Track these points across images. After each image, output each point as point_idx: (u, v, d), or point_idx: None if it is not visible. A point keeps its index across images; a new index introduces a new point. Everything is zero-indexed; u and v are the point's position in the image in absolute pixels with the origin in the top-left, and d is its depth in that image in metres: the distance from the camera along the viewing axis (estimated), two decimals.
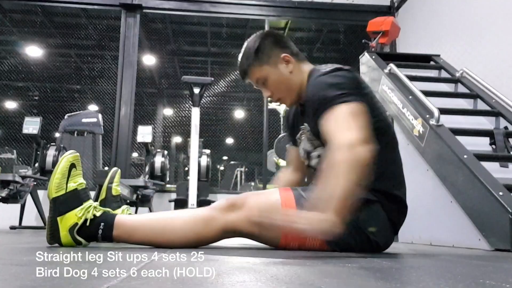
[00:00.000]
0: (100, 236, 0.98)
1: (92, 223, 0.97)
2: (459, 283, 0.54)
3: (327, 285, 0.49)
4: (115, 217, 1.00)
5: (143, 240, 1.02)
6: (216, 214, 1.02)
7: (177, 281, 0.49)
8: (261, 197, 1.05)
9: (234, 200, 1.04)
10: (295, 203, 1.03)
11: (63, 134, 4.04)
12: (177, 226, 1.02)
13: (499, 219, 1.41)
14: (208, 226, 1.01)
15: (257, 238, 1.06)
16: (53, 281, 0.48)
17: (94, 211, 0.98)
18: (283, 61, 1.16)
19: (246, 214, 1.00)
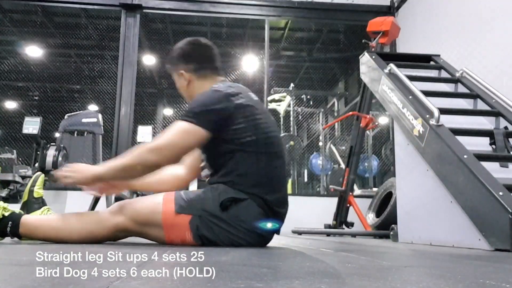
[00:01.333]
0: (9, 233, 1.16)
1: (1, 222, 1.15)
2: (459, 283, 0.54)
3: (327, 284, 0.49)
4: (21, 217, 1.18)
5: (44, 236, 1.20)
6: (108, 215, 1.19)
7: (177, 281, 0.49)
8: (145, 200, 1.23)
9: (123, 204, 1.21)
10: (174, 204, 1.18)
11: (63, 134, 4.04)
12: (72, 225, 1.20)
13: (499, 219, 1.41)
14: (100, 225, 1.18)
15: (145, 236, 1.23)
16: (53, 281, 0.48)
17: (3, 212, 1.16)
18: (181, 75, 1.38)
19: (130, 216, 1.18)
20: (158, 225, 1.17)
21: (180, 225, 1.16)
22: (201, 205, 1.17)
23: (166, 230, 1.17)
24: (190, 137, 1.18)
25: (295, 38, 6.40)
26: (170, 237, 1.18)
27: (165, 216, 1.17)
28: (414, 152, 1.96)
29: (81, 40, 6.47)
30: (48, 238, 1.19)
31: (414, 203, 2.04)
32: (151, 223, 1.18)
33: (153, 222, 1.17)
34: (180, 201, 1.18)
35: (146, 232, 1.20)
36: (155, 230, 1.18)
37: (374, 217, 3.36)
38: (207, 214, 1.16)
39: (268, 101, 4.54)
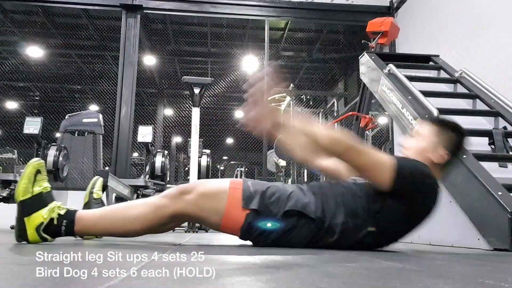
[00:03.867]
0: (64, 232, 1.09)
1: (57, 221, 1.08)
2: (458, 283, 0.54)
3: (327, 285, 0.49)
4: (75, 214, 1.11)
5: (103, 231, 1.15)
6: (167, 201, 1.13)
7: (177, 281, 0.49)
8: (211, 184, 1.18)
9: (184, 187, 1.16)
10: (241, 193, 1.15)
11: (64, 134, 4.05)
12: (132, 216, 1.13)
13: (498, 219, 1.41)
14: (160, 213, 1.12)
15: (203, 221, 1.18)
16: (53, 280, 0.48)
17: (58, 210, 1.09)
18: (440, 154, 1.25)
19: (194, 198, 1.13)
20: (219, 213, 1.14)
21: (238, 217, 1.14)
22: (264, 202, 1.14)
23: (225, 219, 1.14)
24: (379, 168, 1.11)
25: (295, 39, 6.40)
26: (225, 225, 1.15)
27: (229, 206, 1.13)
28: None
29: (82, 40, 6.48)
30: (107, 232, 1.15)
31: None
32: (213, 210, 1.14)
33: (215, 210, 1.14)
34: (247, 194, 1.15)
35: (205, 217, 1.16)
36: (214, 216, 1.15)
37: None
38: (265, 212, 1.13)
39: None
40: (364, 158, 1.09)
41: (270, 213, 1.14)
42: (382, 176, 1.10)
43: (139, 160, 6.79)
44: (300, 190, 1.21)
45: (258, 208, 1.13)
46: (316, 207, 1.16)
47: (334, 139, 1.08)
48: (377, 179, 1.12)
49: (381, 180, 1.10)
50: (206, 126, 7.07)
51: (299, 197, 1.17)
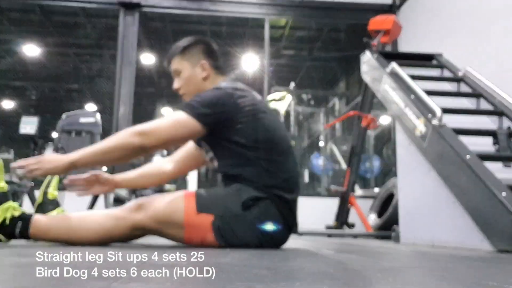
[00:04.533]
0: (18, 234, 1.09)
1: (10, 222, 1.07)
2: (461, 284, 0.55)
3: (328, 286, 0.49)
4: (31, 217, 1.11)
5: (57, 237, 1.14)
6: (126, 214, 1.14)
7: (177, 281, 0.50)
8: (165, 198, 1.18)
9: (143, 200, 1.17)
10: (195, 202, 1.15)
11: (61, 134, 4.01)
12: (90, 226, 1.14)
13: (502, 220, 1.40)
14: (118, 224, 1.13)
15: (164, 235, 1.19)
16: (53, 281, 0.49)
17: (13, 211, 1.08)
18: (200, 66, 1.34)
19: (150, 214, 1.13)
20: (179, 224, 1.14)
21: (201, 225, 1.13)
22: (223, 204, 1.15)
23: (187, 230, 1.14)
24: (182, 128, 1.17)
25: (296, 37, 6.40)
26: (190, 237, 1.15)
27: (187, 215, 1.14)
28: (416, 152, 1.95)
29: (79, 39, 6.46)
30: (62, 239, 1.13)
31: (416, 204, 2.03)
32: (171, 222, 1.14)
33: (174, 221, 1.14)
34: (201, 199, 1.16)
35: (165, 231, 1.16)
36: (175, 229, 1.15)
37: (376, 218, 3.35)
38: (229, 214, 1.14)
39: (268, 101, 4.53)
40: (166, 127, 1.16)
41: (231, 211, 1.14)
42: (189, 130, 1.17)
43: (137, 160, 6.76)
44: None
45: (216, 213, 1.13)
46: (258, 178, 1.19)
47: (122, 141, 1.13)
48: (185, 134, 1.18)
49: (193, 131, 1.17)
50: None
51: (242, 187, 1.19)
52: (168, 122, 1.19)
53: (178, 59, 1.35)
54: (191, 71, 1.34)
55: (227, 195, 1.18)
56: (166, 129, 1.16)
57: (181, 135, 1.19)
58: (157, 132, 1.15)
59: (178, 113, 1.19)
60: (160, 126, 1.17)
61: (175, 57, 1.35)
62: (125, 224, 1.13)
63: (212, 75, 1.34)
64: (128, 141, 1.13)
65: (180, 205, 1.15)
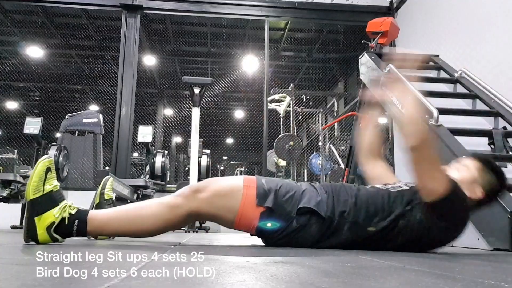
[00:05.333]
0: (75, 232, 1.06)
1: (68, 221, 1.05)
2: (458, 283, 0.55)
3: (326, 284, 0.49)
4: (87, 214, 1.08)
5: (116, 231, 1.12)
6: (181, 201, 1.12)
7: (177, 281, 0.49)
8: (224, 182, 1.18)
9: (197, 186, 1.15)
10: (255, 191, 1.14)
11: (64, 134, 4.05)
12: (146, 216, 1.11)
13: (498, 219, 1.41)
14: (174, 212, 1.11)
15: (217, 219, 1.17)
16: (53, 280, 0.48)
17: (69, 210, 1.06)
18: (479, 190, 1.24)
19: (208, 197, 1.12)
20: (234, 210, 1.13)
21: (253, 215, 1.13)
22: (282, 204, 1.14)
23: (239, 216, 1.14)
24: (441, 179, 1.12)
25: (295, 39, 6.40)
26: (239, 223, 1.15)
27: (243, 204, 1.13)
28: None
29: (82, 40, 6.48)
30: (121, 233, 1.13)
31: None
32: (227, 207, 1.13)
33: (229, 207, 1.13)
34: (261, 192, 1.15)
35: (219, 214, 1.15)
36: (228, 213, 1.14)
37: None
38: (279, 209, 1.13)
39: (268, 101, 4.55)
40: (434, 166, 1.09)
41: (284, 211, 1.14)
42: (438, 187, 1.09)
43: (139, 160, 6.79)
44: (313, 188, 1.22)
45: (273, 206, 1.13)
46: (328, 206, 1.16)
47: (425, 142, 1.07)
48: (432, 188, 1.10)
49: (434, 190, 1.09)
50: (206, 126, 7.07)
51: (312, 194, 1.18)
52: None
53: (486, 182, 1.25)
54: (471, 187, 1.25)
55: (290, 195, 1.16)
56: None
57: None
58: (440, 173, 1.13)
59: None
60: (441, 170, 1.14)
61: None
62: (180, 212, 1.12)
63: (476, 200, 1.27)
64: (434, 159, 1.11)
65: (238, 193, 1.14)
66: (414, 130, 1.08)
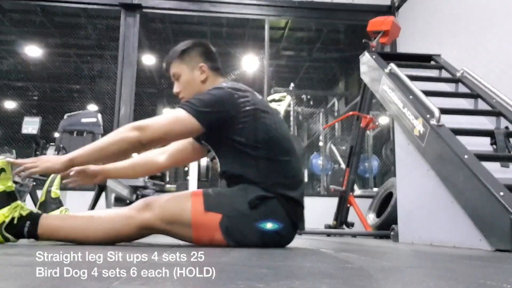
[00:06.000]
0: (26, 233, 1.08)
1: (18, 221, 1.07)
2: (460, 284, 0.55)
3: (327, 285, 0.49)
4: (40, 216, 1.10)
5: (65, 237, 1.13)
6: (134, 213, 1.14)
7: (177, 281, 0.49)
8: (173, 197, 1.19)
9: (149, 201, 1.16)
10: (203, 201, 1.15)
11: (62, 134, 4.03)
12: (98, 224, 1.13)
13: (500, 220, 1.41)
14: (126, 224, 1.13)
15: (172, 234, 1.19)
16: (53, 281, 0.48)
17: (21, 211, 1.08)
18: (199, 69, 1.33)
19: (158, 213, 1.13)
20: (186, 223, 1.14)
21: (209, 224, 1.13)
22: (230, 203, 1.15)
23: (195, 229, 1.14)
24: (180, 125, 1.18)
25: (295, 38, 6.41)
26: (198, 236, 1.15)
27: (194, 214, 1.13)
28: (415, 152, 1.96)
29: (81, 40, 6.47)
30: (71, 239, 1.13)
31: (415, 203, 2.04)
32: (179, 221, 1.14)
33: (181, 220, 1.14)
34: (209, 198, 1.16)
35: (173, 230, 1.16)
36: (183, 228, 1.14)
37: (375, 217, 3.36)
38: (236, 213, 1.14)
39: (268, 101, 4.54)
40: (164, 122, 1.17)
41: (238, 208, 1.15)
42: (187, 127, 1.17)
43: None
44: None
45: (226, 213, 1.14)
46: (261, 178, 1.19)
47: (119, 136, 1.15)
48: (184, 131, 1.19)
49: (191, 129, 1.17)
50: None
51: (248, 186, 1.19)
52: (166, 118, 1.20)
53: (177, 63, 1.34)
54: (190, 74, 1.33)
55: (234, 194, 1.18)
56: (164, 124, 1.17)
57: (179, 132, 1.20)
58: (154, 127, 1.15)
59: (177, 110, 1.19)
60: (158, 121, 1.18)
61: (173, 61, 1.35)
62: (133, 224, 1.12)
63: (211, 77, 1.34)
64: (125, 136, 1.14)
65: (187, 204, 1.14)
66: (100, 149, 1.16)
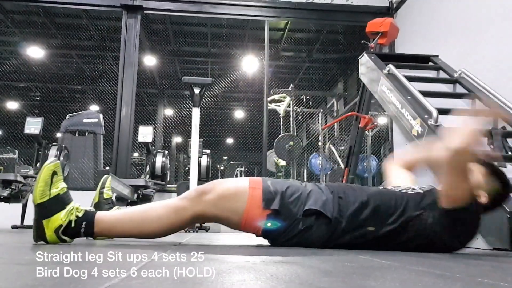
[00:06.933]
0: (83, 233, 1.08)
1: (75, 223, 1.07)
2: (457, 282, 0.55)
3: (326, 284, 0.50)
4: (95, 215, 1.10)
5: (122, 233, 1.14)
6: (187, 203, 1.14)
7: (177, 281, 0.49)
8: (230, 184, 1.18)
9: (203, 188, 1.15)
10: (261, 193, 1.14)
11: (64, 134, 4.06)
12: (152, 218, 1.13)
13: (497, 219, 1.42)
14: (180, 215, 1.13)
15: (223, 221, 1.18)
16: (53, 280, 0.49)
17: (77, 212, 1.08)
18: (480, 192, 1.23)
19: (213, 199, 1.13)
20: (239, 212, 1.14)
21: (259, 217, 1.14)
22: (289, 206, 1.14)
23: (245, 218, 1.14)
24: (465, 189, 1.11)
25: (295, 39, 6.41)
26: (245, 225, 1.16)
27: (249, 206, 1.13)
28: None
29: (82, 41, 6.50)
30: (127, 234, 1.14)
31: None
32: (232, 209, 1.14)
33: (235, 209, 1.14)
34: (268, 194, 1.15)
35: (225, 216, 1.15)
36: (234, 215, 1.15)
37: None
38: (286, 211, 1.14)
39: (267, 102, 4.55)
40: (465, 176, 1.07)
41: (291, 212, 1.14)
42: (462, 197, 1.09)
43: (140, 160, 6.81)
44: (318, 188, 1.22)
45: (279, 208, 1.14)
46: (334, 207, 1.16)
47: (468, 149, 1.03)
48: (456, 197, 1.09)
49: (458, 199, 1.09)
50: (206, 126, 7.08)
51: (317, 196, 1.18)
52: None
53: None
54: None
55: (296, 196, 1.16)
56: None
57: None
58: None
59: None
60: None
61: None
62: (186, 214, 1.13)
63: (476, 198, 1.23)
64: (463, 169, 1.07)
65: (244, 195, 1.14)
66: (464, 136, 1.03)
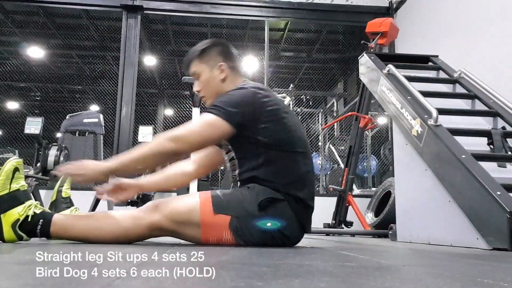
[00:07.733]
0: (39, 232, 1.10)
1: (32, 219, 1.09)
2: (457, 282, 0.55)
3: (326, 283, 0.50)
4: (53, 215, 1.12)
5: (77, 236, 1.15)
6: (143, 214, 1.16)
7: (177, 281, 0.50)
8: (182, 199, 1.21)
9: (159, 202, 1.18)
10: (211, 203, 1.16)
11: (64, 134, 4.06)
12: (108, 224, 1.15)
13: (497, 219, 1.42)
14: (136, 224, 1.15)
15: (180, 235, 1.20)
16: (53, 280, 0.49)
17: (34, 209, 1.10)
18: (218, 68, 1.34)
19: (166, 214, 1.15)
20: (195, 224, 1.15)
21: (218, 225, 1.15)
22: (240, 205, 1.17)
23: (204, 230, 1.15)
24: (213, 130, 1.18)
25: (295, 39, 6.41)
26: (206, 236, 1.17)
27: (204, 216, 1.15)
28: (413, 152, 1.97)
29: (83, 41, 6.50)
30: (81, 238, 1.15)
31: (413, 203, 2.05)
32: (188, 222, 1.16)
33: (190, 221, 1.15)
34: (218, 200, 1.17)
35: (182, 231, 1.18)
36: (192, 229, 1.16)
37: (373, 216, 3.37)
38: (246, 214, 1.16)
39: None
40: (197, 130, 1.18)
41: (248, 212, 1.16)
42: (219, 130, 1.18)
43: None
44: None
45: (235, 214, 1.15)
46: None
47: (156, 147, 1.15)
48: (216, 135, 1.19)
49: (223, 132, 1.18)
50: None
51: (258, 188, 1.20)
52: (198, 125, 1.20)
53: (197, 62, 1.35)
54: (210, 73, 1.34)
55: (243, 195, 1.18)
56: (197, 132, 1.18)
57: (212, 137, 1.20)
58: (189, 137, 1.17)
59: (206, 115, 1.20)
60: (192, 130, 1.19)
61: (193, 60, 1.36)
62: (142, 224, 1.14)
63: (230, 76, 1.34)
64: (163, 147, 1.15)
65: (196, 205, 1.16)
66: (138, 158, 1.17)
